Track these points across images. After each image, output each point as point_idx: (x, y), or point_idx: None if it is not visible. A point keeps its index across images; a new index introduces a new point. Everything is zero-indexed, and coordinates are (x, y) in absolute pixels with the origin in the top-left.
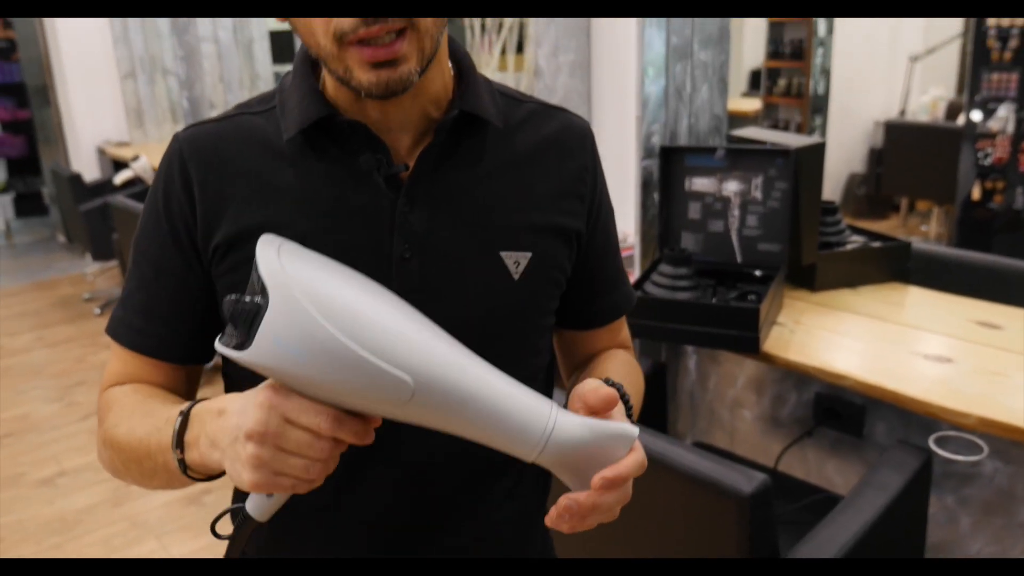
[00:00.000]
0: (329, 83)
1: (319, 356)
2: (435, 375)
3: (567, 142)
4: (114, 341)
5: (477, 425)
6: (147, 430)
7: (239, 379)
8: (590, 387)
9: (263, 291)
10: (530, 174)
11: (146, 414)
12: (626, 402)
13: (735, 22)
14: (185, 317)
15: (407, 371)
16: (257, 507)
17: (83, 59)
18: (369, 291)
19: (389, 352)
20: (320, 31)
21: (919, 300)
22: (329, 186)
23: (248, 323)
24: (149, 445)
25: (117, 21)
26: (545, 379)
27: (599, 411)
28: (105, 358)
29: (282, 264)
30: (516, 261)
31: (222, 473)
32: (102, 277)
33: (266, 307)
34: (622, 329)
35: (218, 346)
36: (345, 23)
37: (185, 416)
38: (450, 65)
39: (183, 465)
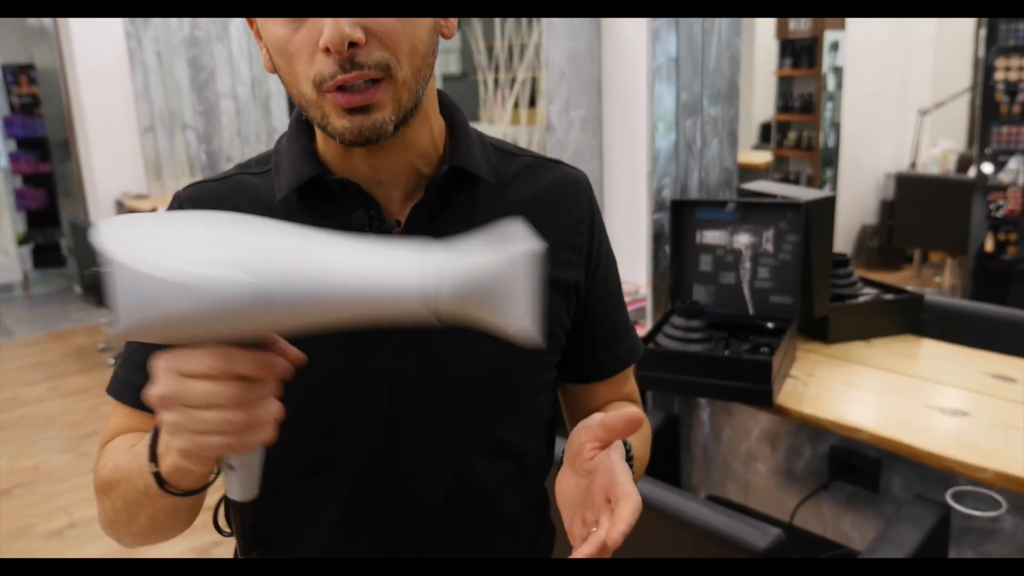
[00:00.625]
0: (321, 141)
1: (162, 296)
2: (272, 265)
3: (562, 193)
4: (116, 401)
5: (352, 300)
6: (128, 456)
7: None
8: (612, 411)
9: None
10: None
11: (131, 447)
12: (627, 451)
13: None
14: None
15: (242, 271)
16: (230, 487)
17: (105, 114)
18: (214, 222)
19: (214, 260)
20: (302, 77)
21: (933, 353)
22: None
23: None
24: (130, 470)
25: (139, 78)
26: (547, 437)
27: (619, 432)
28: None
29: (119, 225)
30: None
31: (201, 488)
32: None
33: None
34: (627, 381)
35: (103, 326)
36: (324, 69)
37: (156, 429)
38: (441, 121)
39: (159, 479)
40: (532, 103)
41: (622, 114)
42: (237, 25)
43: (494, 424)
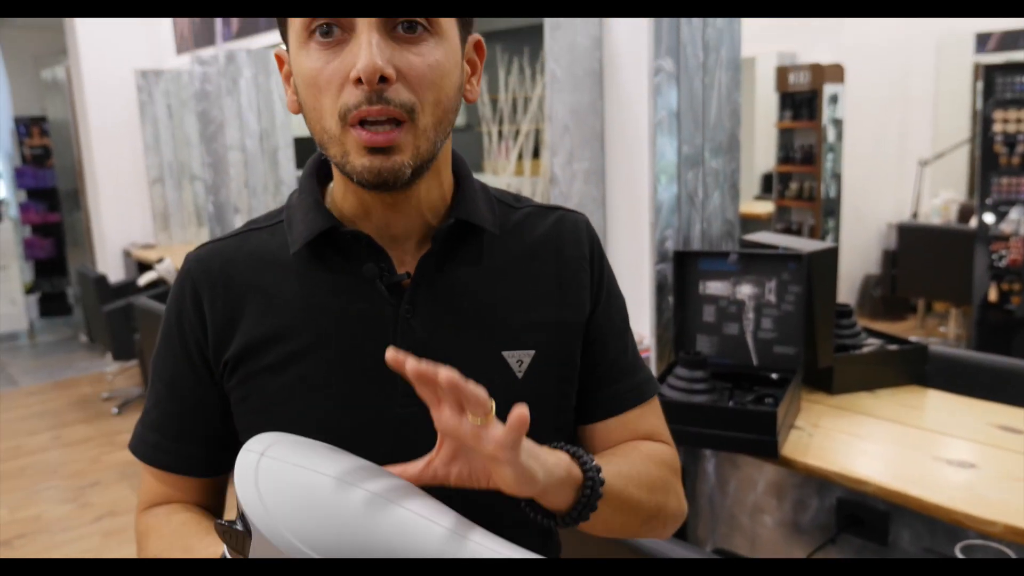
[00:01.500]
0: (335, 193)
1: (278, 552)
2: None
3: (562, 236)
4: (135, 457)
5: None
6: (176, 547)
7: None
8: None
9: (243, 518)
10: (529, 272)
11: (176, 532)
12: (591, 479)
13: (745, 129)
14: (199, 432)
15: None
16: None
17: (115, 165)
18: (347, 503)
19: (327, 548)
20: (328, 111)
21: (939, 404)
22: (333, 296)
23: (240, 546)
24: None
25: (149, 131)
26: None
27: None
28: (120, 458)
29: (260, 495)
30: (519, 360)
31: None
32: (121, 377)
33: (250, 536)
34: (643, 420)
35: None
36: (351, 99)
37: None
38: (451, 178)
39: None
40: (535, 154)
41: (625, 166)
42: (247, 79)
43: None
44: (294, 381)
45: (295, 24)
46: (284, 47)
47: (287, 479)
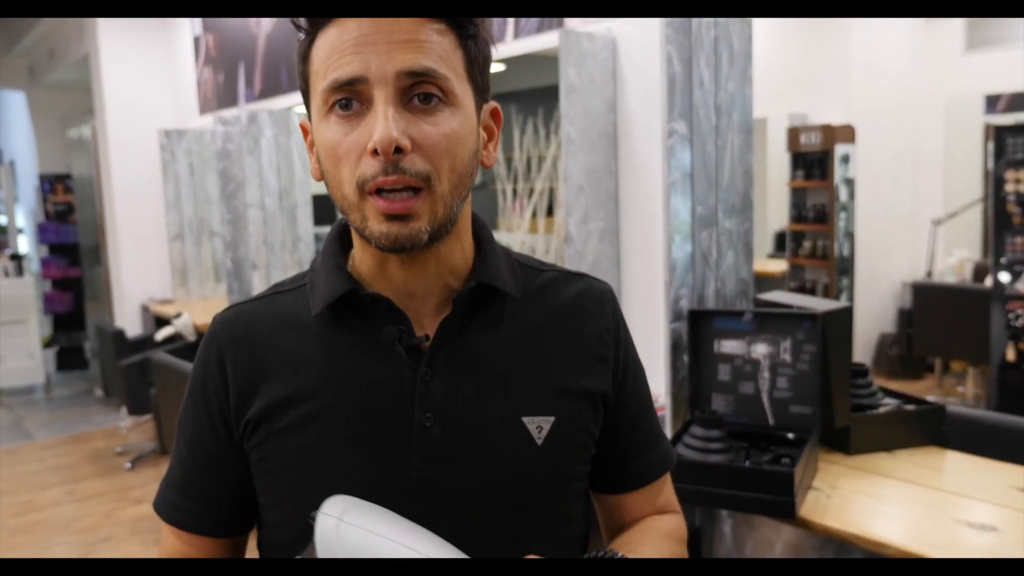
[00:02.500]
0: (356, 257)
1: None
2: None
3: (586, 305)
4: (157, 515)
5: None
6: None
7: (273, 547)
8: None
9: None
10: (550, 338)
11: None
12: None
13: (758, 188)
14: (220, 494)
15: None
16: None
17: (136, 222)
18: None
19: None
20: (346, 180)
21: (958, 465)
22: (354, 357)
23: None
24: None
25: (171, 188)
26: (580, 549)
27: None
28: (133, 514)
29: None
30: (539, 426)
31: None
32: (135, 431)
33: None
34: (663, 491)
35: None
36: (368, 170)
37: None
38: (471, 241)
39: None
40: (549, 212)
41: (639, 226)
42: (268, 139)
43: (525, 538)
44: (313, 442)
45: (317, 97)
46: (307, 118)
47: (366, 547)
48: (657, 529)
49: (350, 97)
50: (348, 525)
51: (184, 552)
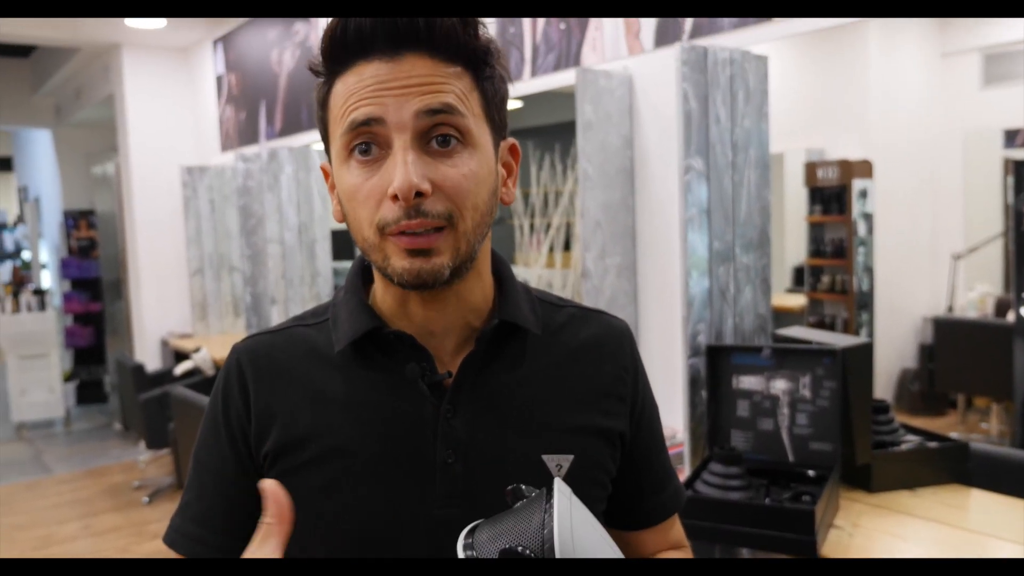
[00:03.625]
0: (378, 294)
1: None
2: None
3: (606, 344)
4: (172, 550)
5: None
6: None
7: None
8: None
9: (548, 551)
10: (570, 376)
11: None
12: None
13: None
14: (244, 525)
15: None
16: None
17: (157, 257)
18: None
19: None
20: (366, 222)
21: (983, 504)
22: (376, 394)
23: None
24: None
25: (192, 224)
26: None
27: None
28: (150, 548)
29: (573, 537)
30: (558, 464)
31: None
32: (153, 465)
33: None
34: (673, 527)
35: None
36: (389, 214)
37: None
38: (491, 277)
39: None
40: (567, 247)
41: (656, 261)
42: (287, 175)
43: None
44: (334, 477)
45: (336, 142)
46: (328, 161)
47: (591, 521)
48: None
49: (369, 141)
50: (577, 506)
51: None
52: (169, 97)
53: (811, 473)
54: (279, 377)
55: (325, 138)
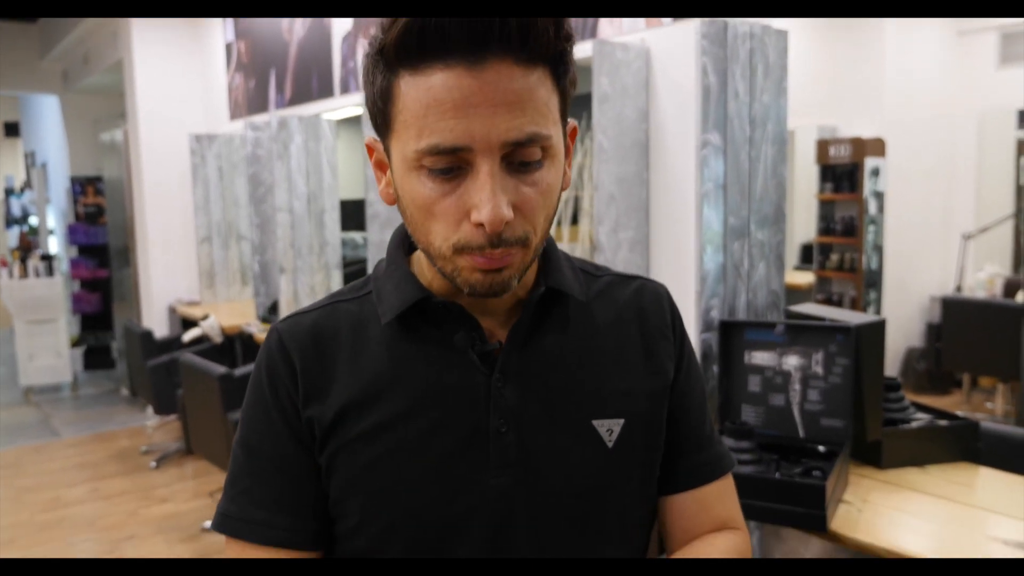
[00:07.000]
0: (423, 265)
1: None
2: None
3: (644, 305)
4: (237, 540)
5: None
6: None
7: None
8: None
9: None
10: (615, 340)
11: None
12: None
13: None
14: (310, 503)
15: None
16: None
17: (165, 224)
18: None
19: None
20: (440, 236)
21: (991, 482)
22: (425, 365)
23: None
24: None
25: (200, 192)
26: (646, 551)
27: None
28: (156, 512)
29: None
30: (609, 429)
31: None
32: (161, 431)
33: None
34: (721, 502)
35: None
36: (472, 239)
37: None
38: None
39: None
40: (574, 220)
41: (670, 236)
42: (297, 144)
43: (599, 541)
44: (386, 451)
45: (404, 148)
46: (374, 139)
47: None
48: (713, 548)
49: (451, 165)
50: None
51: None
52: (178, 64)
53: (821, 449)
54: (325, 354)
55: (382, 126)
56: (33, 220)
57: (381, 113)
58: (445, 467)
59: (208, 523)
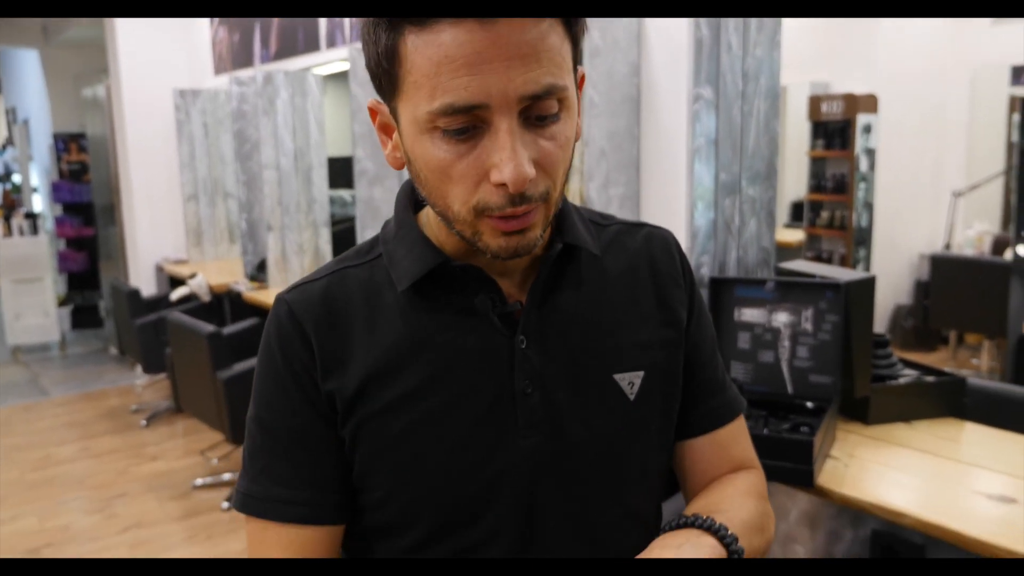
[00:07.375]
0: (433, 226)
1: None
2: None
3: (654, 253)
4: (260, 519)
5: None
6: None
7: (376, 531)
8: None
9: None
10: (629, 292)
11: None
12: (721, 537)
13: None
14: (333, 476)
15: None
16: None
17: (150, 181)
18: None
19: None
20: (459, 200)
21: (977, 437)
22: (445, 330)
23: None
24: None
25: (185, 149)
26: (663, 496)
27: None
28: (147, 470)
29: None
30: (630, 382)
31: None
32: (150, 389)
33: None
34: (735, 443)
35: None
36: (493, 200)
37: None
38: None
39: None
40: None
41: (661, 192)
42: (283, 100)
43: (622, 492)
44: (413, 422)
45: (416, 109)
46: (377, 101)
47: None
48: (735, 487)
49: (467, 125)
50: None
51: (301, 549)
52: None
53: (810, 405)
54: (339, 324)
55: (387, 88)
56: (16, 178)
57: (386, 74)
58: (474, 433)
59: (200, 480)
